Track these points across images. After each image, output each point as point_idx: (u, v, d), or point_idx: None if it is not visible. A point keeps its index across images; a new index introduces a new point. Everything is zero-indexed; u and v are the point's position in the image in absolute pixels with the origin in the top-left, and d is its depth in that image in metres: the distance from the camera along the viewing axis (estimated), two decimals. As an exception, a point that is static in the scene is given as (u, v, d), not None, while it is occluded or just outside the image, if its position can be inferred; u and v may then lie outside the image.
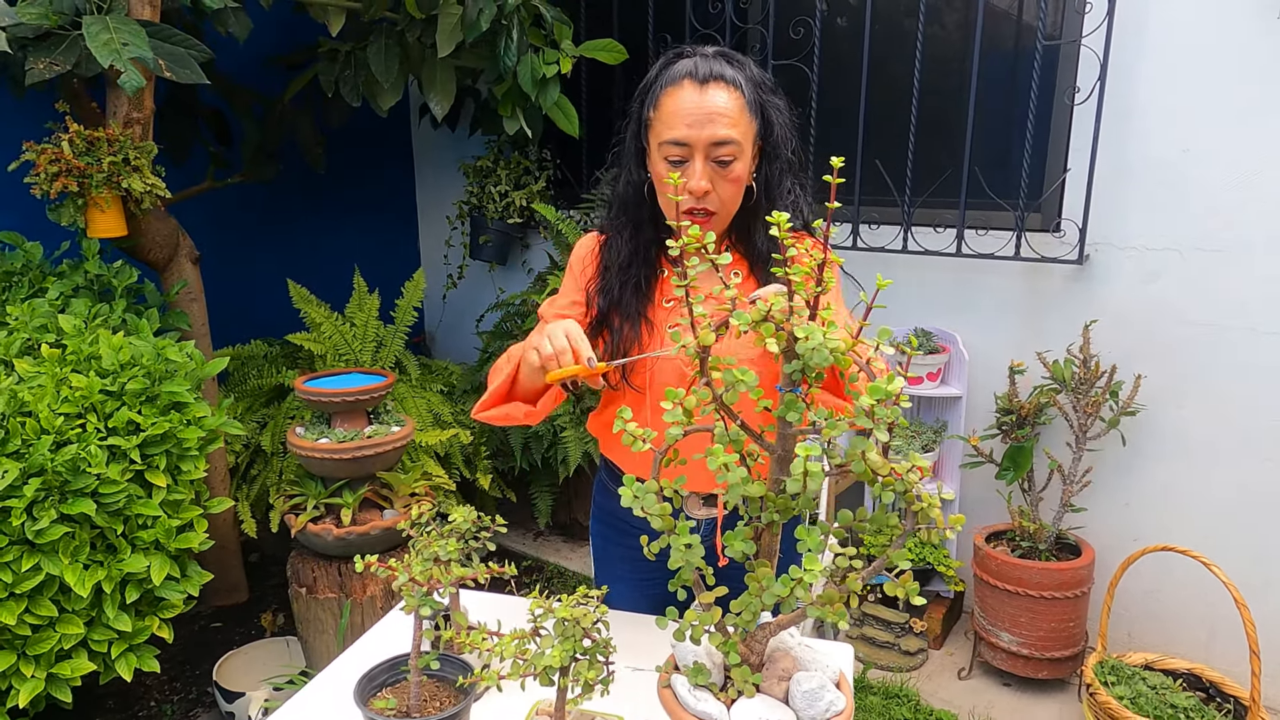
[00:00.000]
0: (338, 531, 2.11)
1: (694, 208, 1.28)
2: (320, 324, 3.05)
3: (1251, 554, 2.32)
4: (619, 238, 1.38)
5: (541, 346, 1.14)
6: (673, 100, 1.24)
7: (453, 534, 1.23)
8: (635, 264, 1.36)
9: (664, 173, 1.27)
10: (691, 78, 1.24)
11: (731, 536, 0.94)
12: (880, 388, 0.81)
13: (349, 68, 2.65)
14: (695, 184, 1.25)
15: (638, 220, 1.37)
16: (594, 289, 1.39)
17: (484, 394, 1.31)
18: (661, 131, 1.26)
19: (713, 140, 1.23)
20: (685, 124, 1.23)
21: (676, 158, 1.25)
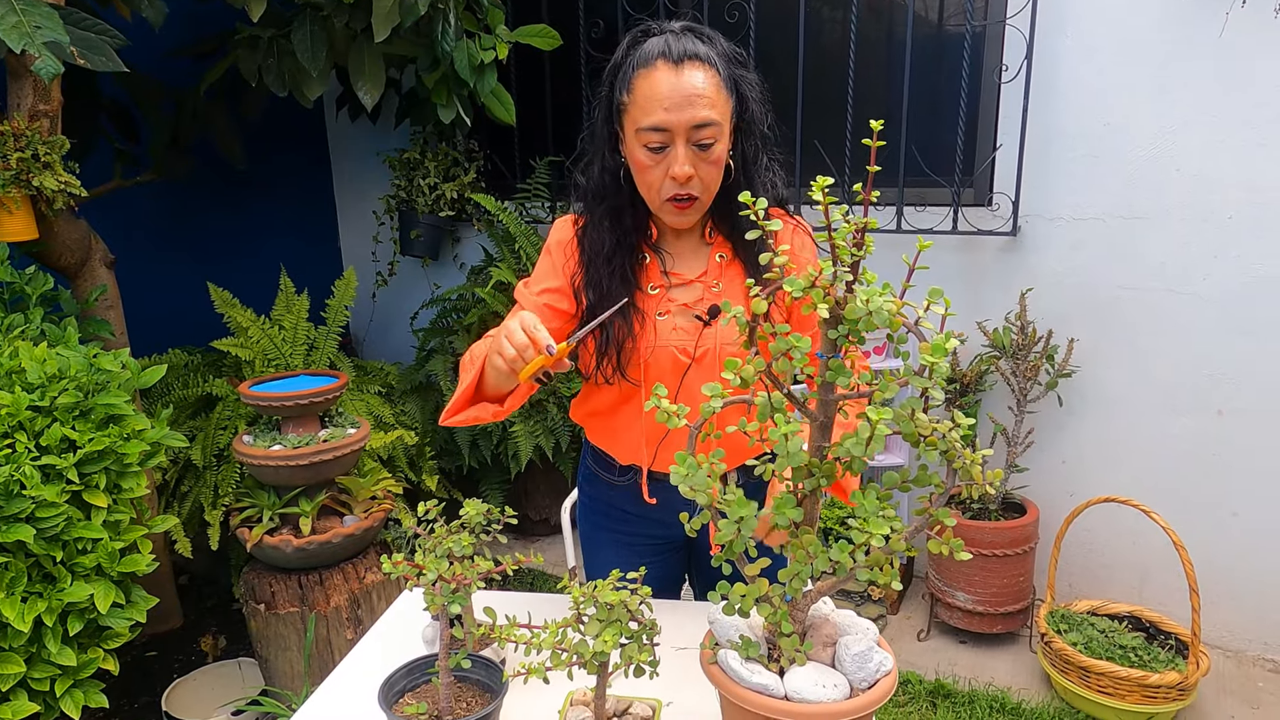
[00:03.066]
0: (298, 542, 2.01)
1: (678, 194, 1.24)
2: (247, 328, 2.88)
3: (1178, 501, 2.49)
4: (599, 228, 1.33)
5: (503, 350, 1.10)
6: (647, 83, 1.20)
7: (463, 529, 1.19)
8: (620, 253, 1.32)
9: (644, 159, 1.23)
10: (665, 58, 1.19)
11: (781, 505, 0.93)
12: (940, 345, 0.82)
13: (271, 56, 2.50)
14: (679, 170, 1.21)
15: (617, 207, 1.32)
16: (579, 282, 1.34)
17: (450, 399, 1.27)
18: (638, 117, 1.21)
19: (693, 123, 1.19)
20: (663, 108, 1.18)
21: (656, 144, 1.21)
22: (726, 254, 1.35)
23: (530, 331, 1.09)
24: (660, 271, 1.34)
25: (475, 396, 1.25)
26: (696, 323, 1.32)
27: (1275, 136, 2.22)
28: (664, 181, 1.23)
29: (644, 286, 1.34)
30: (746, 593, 0.96)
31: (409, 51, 2.57)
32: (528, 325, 1.10)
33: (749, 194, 0.88)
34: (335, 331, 3.06)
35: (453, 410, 1.25)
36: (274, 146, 3.49)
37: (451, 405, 1.24)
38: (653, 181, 1.24)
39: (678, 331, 1.32)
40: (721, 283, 1.33)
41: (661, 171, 1.22)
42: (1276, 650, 2.49)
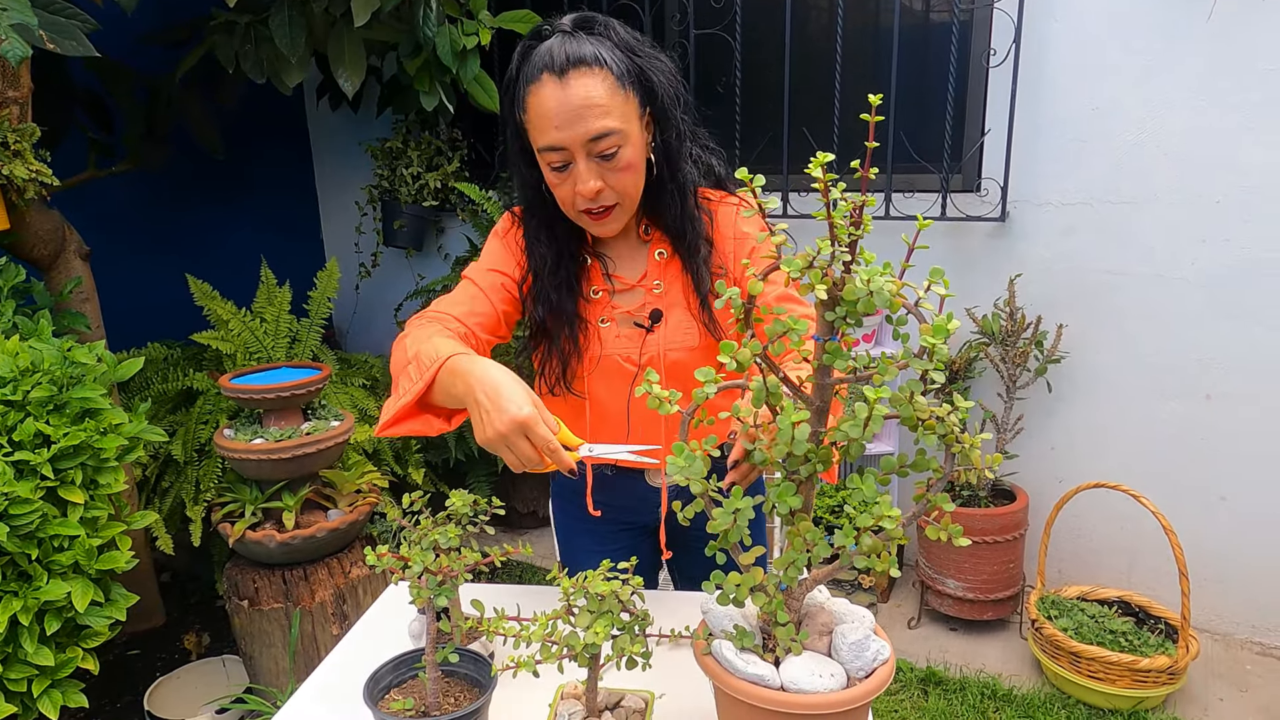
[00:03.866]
0: (281, 537, 1.97)
1: (590, 208, 1.18)
2: (227, 321, 2.83)
3: (1167, 486, 2.49)
4: (538, 242, 1.28)
5: (508, 459, 1.00)
6: (536, 101, 1.12)
7: (450, 520, 1.16)
8: (562, 264, 1.27)
9: (551, 178, 1.18)
10: (549, 70, 1.11)
11: (782, 493, 0.91)
12: (941, 326, 0.80)
13: (249, 42, 2.45)
14: (583, 187, 1.15)
15: (549, 218, 1.26)
16: (528, 295, 1.29)
17: (389, 402, 1.13)
18: (535, 137, 1.15)
19: (588, 137, 1.11)
20: (554, 127, 1.11)
21: (558, 163, 1.15)
22: (665, 250, 1.29)
23: (549, 456, 1.00)
24: (603, 274, 1.30)
25: (419, 407, 1.13)
26: (639, 329, 1.28)
27: (1262, 120, 2.22)
28: (575, 197, 1.17)
29: (587, 293, 1.30)
30: (741, 582, 0.94)
31: (390, 37, 2.52)
32: (541, 444, 0.98)
33: (745, 171, 0.85)
34: (318, 324, 3.02)
35: (392, 422, 1.11)
36: (253, 136, 3.43)
37: (390, 416, 1.11)
38: (564, 198, 1.19)
39: (621, 339, 1.29)
40: (663, 282, 1.29)
41: (569, 188, 1.17)
42: (1264, 633, 2.50)
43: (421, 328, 1.18)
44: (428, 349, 1.10)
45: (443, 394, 1.08)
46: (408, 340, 1.15)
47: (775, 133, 2.78)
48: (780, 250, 0.86)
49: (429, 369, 1.07)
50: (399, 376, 1.13)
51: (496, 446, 0.99)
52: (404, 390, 1.11)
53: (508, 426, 0.97)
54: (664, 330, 1.28)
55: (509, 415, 0.96)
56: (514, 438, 0.97)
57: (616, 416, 1.33)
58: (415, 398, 1.08)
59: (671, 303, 1.29)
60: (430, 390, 1.08)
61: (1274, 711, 2.23)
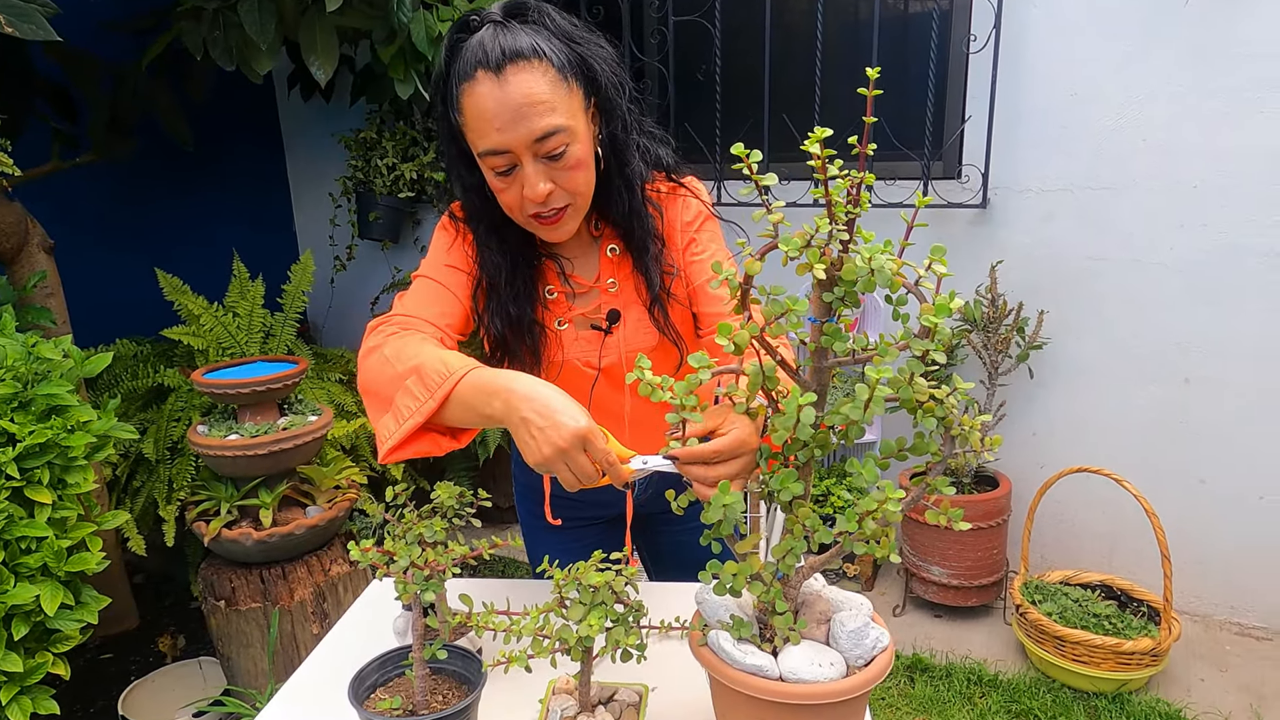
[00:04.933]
0: (258, 535, 1.92)
1: (540, 212, 1.10)
2: (199, 316, 2.77)
3: (1147, 469, 2.51)
4: (488, 250, 1.19)
5: (564, 476, 0.94)
6: (472, 102, 1.02)
7: (435, 513, 1.13)
8: (519, 271, 1.20)
9: (495, 183, 1.09)
10: (484, 67, 1.01)
11: (783, 479, 0.89)
12: (944, 305, 0.78)
13: (217, 28, 2.38)
14: (532, 191, 1.06)
15: (497, 224, 1.18)
16: (484, 309, 1.21)
17: (386, 423, 1.04)
18: (474, 140, 1.06)
19: (533, 137, 1.03)
20: (495, 129, 1.02)
21: (502, 167, 1.06)
22: (617, 246, 1.23)
23: (607, 470, 0.94)
24: (558, 275, 1.23)
25: (425, 427, 1.03)
26: (597, 332, 1.24)
27: (1238, 105, 2.23)
28: (522, 202, 1.09)
29: (543, 296, 1.23)
30: (739, 571, 0.92)
31: (362, 24, 2.46)
32: (600, 458, 0.93)
33: (741, 146, 0.83)
34: (292, 318, 2.96)
35: (401, 444, 1.02)
36: (224, 127, 3.36)
37: (399, 438, 1.01)
38: (510, 203, 1.10)
39: (579, 342, 1.24)
40: (617, 280, 1.24)
41: (516, 192, 1.08)
42: (1243, 614, 2.53)
43: (400, 336, 1.09)
44: (430, 362, 1.00)
45: (462, 412, 0.99)
46: (387, 351, 1.06)
47: (756, 120, 2.76)
48: (777, 229, 0.84)
49: (441, 385, 0.98)
50: (391, 392, 1.03)
51: (554, 464, 0.92)
52: (409, 409, 1.00)
53: (569, 441, 0.90)
54: (623, 331, 1.24)
55: (569, 429, 0.90)
56: (574, 453, 0.91)
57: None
58: (426, 417, 0.99)
59: (628, 301, 1.24)
60: (442, 408, 0.99)
61: (1253, 690, 2.26)
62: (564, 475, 0.93)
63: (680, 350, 1.27)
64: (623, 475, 0.94)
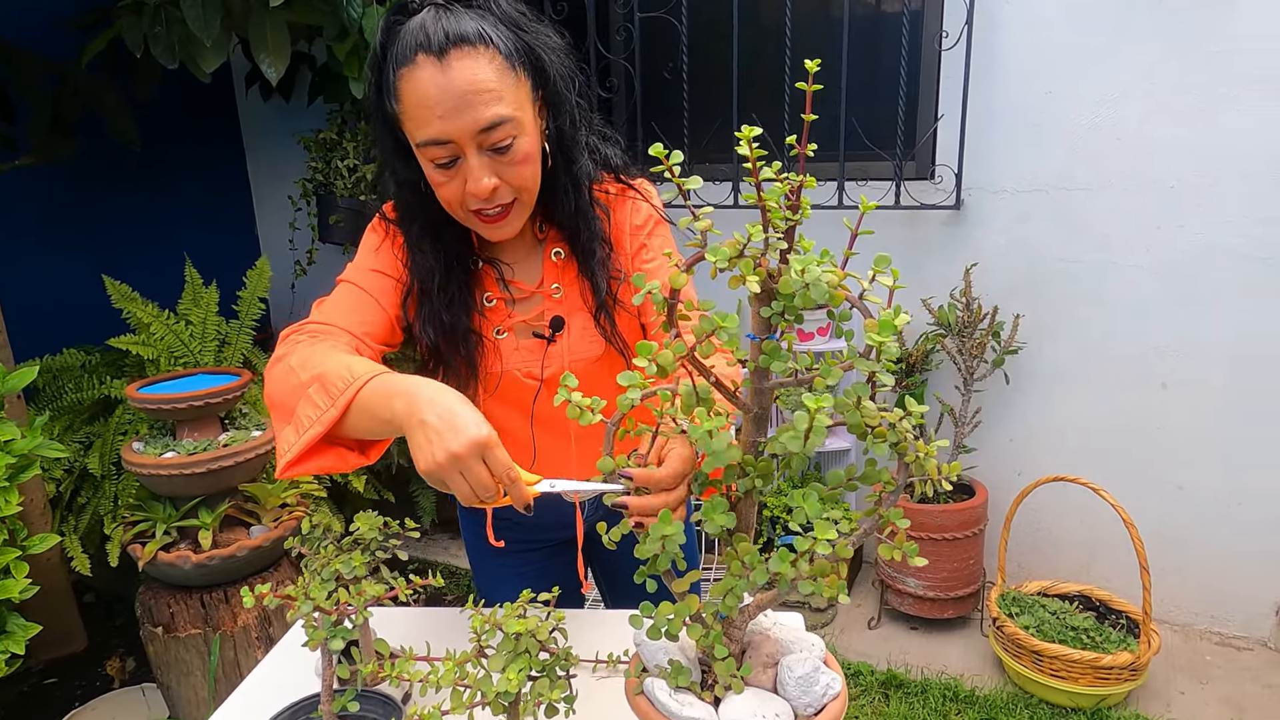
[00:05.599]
0: (197, 557, 1.82)
1: (483, 209, 1.03)
2: (149, 324, 2.66)
3: (1124, 476, 2.45)
4: (420, 252, 1.10)
5: (459, 488, 0.85)
6: (412, 88, 0.96)
7: (356, 546, 1.04)
8: (453, 275, 1.12)
9: (435, 176, 1.01)
10: (425, 50, 0.94)
11: (710, 509, 0.81)
12: (888, 322, 0.70)
13: (159, 24, 2.28)
14: (476, 186, 0.99)
15: (432, 223, 1.10)
16: (415, 316, 1.13)
17: (286, 435, 0.94)
18: (413, 130, 0.99)
19: (478, 127, 0.96)
20: (437, 117, 0.95)
21: (444, 158, 0.99)
22: (562, 250, 1.16)
23: (508, 486, 0.86)
24: (496, 280, 1.15)
25: (326, 441, 0.94)
26: (539, 340, 1.16)
27: (1214, 103, 2.18)
28: (464, 197, 1.02)
29: (480, 303, 1.15)
30: (675, 612, 0.84)
31: (312, 19, 2.36)
32: (501, 470, 0.84)
33: (659, 147, 0.75)
34: (249, 325, 2.86)
35: (298, 458, 0.92)
36: (179, 128, 3.25)
37: (297, 453, 0.92)
38: (450, 198, 1.03)
39: (520, 352, 1.16)
40: (561, 286, 1.16)
41: (458, 186, 1.01)
42: (1222, 623, 2.48)
43: (308, 344, 1.00)
44: (334, 368, 0.92)
45: (365, 419, 0.90)
46: (293, 360, 0.97)
47: (725, 118, 2.68)
48: (705, 237, 0.76)
49: (344, 391, 0.90)
50: (294, 403, 0.94)
51: (448, 472, 0.83)
52: (309, 419, 0.91)
53: (465, 448, 0.82)
54: (567, 339, 1.16)
55: (467, 435, 0.82)
56: (471, 461, 0.82)
57: (520, 439, 1.21)
58: (328, 427, 0.90)
59: (573, 308, 1.17)
60: (345, 417, 0.91)
61: (1235, 703, 2.20)
62: (459, 486, 0.84)
63: (627, 360, 1.19)
64: (524, 495, 0.86)
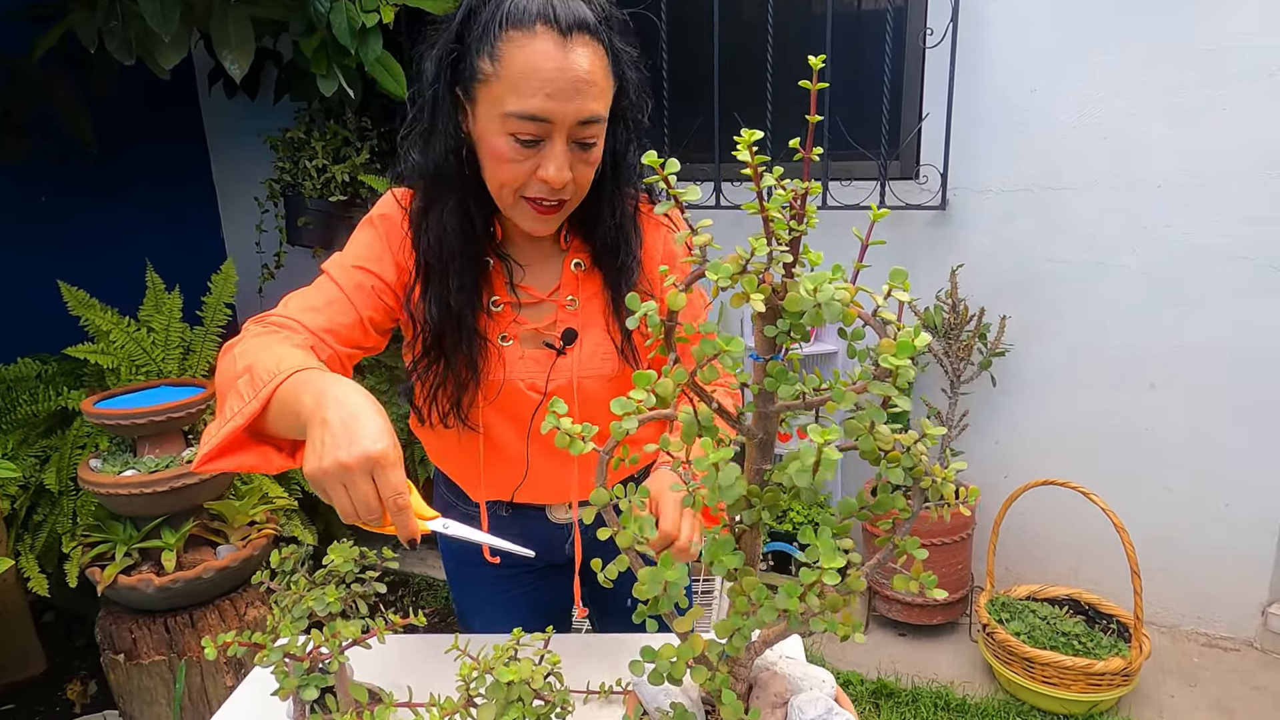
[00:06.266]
0: (160, 580, 1.73)
1: (544, 198, 0.98)
2: (108, 332, 2.55)
3: (1111, 477, 2.43)
4: (443, 231, 1.02)
5: (339, 502, 0.77)
6: (525, 54, 0.91)
7: (331, 578, 0.97)
8: (465, 260, 1.04)
9: (505, 150, 0.95)
10: (549, 23, 0.91)
11: (717, 550, 0.75)
12: (907, 343, 0.64)
13: (115, 18, 2.17)
14: (555, 173, 0.95)
15: (462, 201, 1.02)
16: (416, 295, 1.05)
17: (211, 427, 0.87)
18: (506, 96, 0.92)
19: (580, 118, 0.93)
20: (546, 94, 0.91)
21: (529, 136, 0.93)
22: (585, 261, 1.11)
23: (393, 512, 0.78)
24: (506, 284, 1.08)
25: (248, 437, 0.86)
26: (548, 351, 1.09)
27: (1201, 102, 2.16)
28: (529, 180, 0.97)
29: (486, 304, 1.08)
30: (678, 655, 0.78)
31: (278, 14, 2.27)
32: (389, 493, 0.77)
33: (654, 155, 0.69)
34: (214, 332, 2.75)
35: (215, 452, 0.85)
36: (139, 126, 3.13)
37: (213, 446, 0.84)
38: (512, 177, 0.97)
39: (525, 361, 1.09)
40: (578, 298, 1.11)
41: (528, 169, 0.96)
42: (1209, 624, 2.47)
43: (260, 336, 0.93)
44: (266, 360, 0.85)
45: (282, 415, 0.83)
46: (237, 349, 0.91)
47: (705, 119, 2.62)
48: (705, 253, 0.70)
49: (267, 384, 0.83)
50: (226, 394, 0.87)
51: (329, 482, 0.76)
52: (232, 410, 0.84)
53: (355, 459, 0.75)
54: (578, 353, 1.10)
55: (360, 446, 0.75)
56: (358, 475, 0.75)
57: (514, 454, 1.14)
58: (248, 420, 0.83)
59: (587, 322, 1.11)
60: (266, 412, 0.83)
61: (1224, 705, 2.19)
62: (340, 499, 0.77)
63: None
64: (412, 527, 0.79)
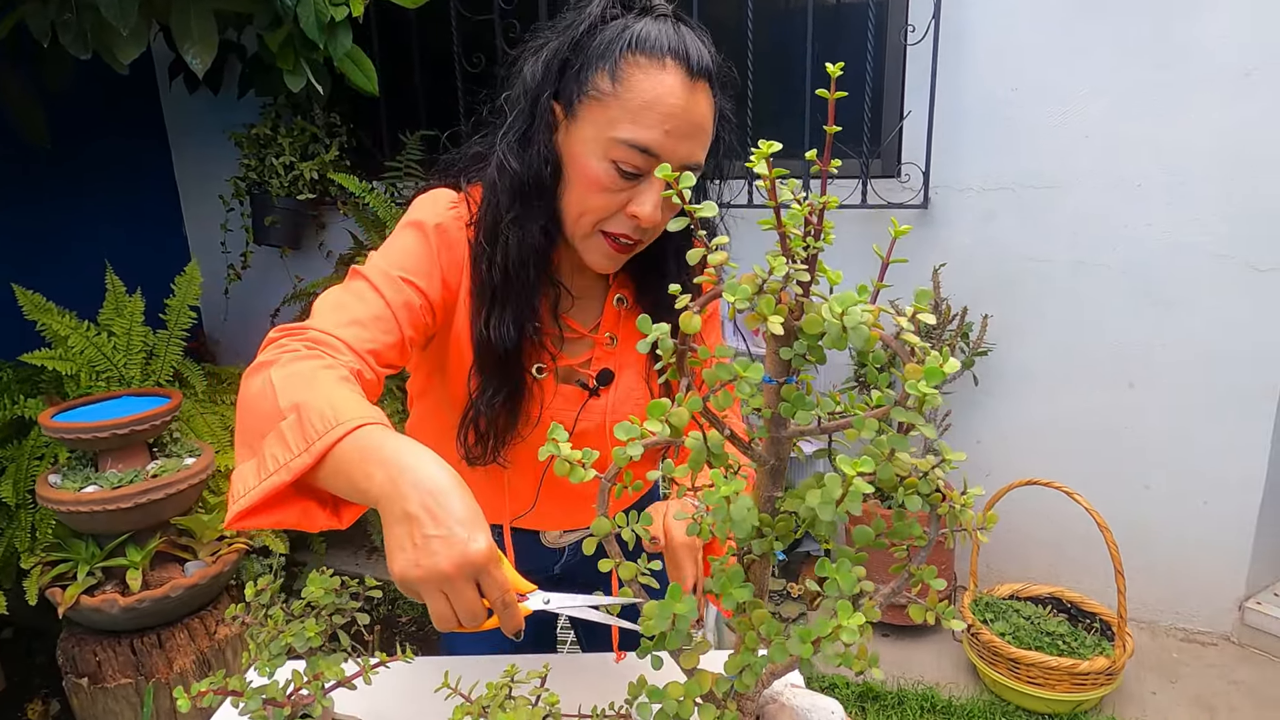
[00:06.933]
0: (125, 600, 1.66)
1: (626, 235, 0.92)
2: (66, 337, 2.45)
3: (1092, 476, 2.43)
4: (517, 240, 0.93)
5: (438, 608, 0.66)
6: (652, 83, 0.86)
7: (309, 612, 0.91)
8: (527, 282, 0.95)
9: (602, 176, 0.89)
10: (679, 60, 0.87)
11: (727, 583, 0.71)
12: (935, 369, 0.61)
13: (69, 10, 2.07)
14: (648, 211, 0.89)
15: (539, 217, 0.94)
16: (471, 314, 0.96)
17: (244, 474, 0.73)
18: (620, 121, 0.87)
19: (687, 161, 0.89)
20: (665, 129, 0.86)
21: (633, 168, 0.88)
22: (628, 297, 1.05)
23: (500, 610, 0.68)
24: (550, 311, 1.00)
25: (294, 492, 0.73)
26: (580, 390, 1.03)
27: (1181, 99, 2.16)
28: (616, 215, 0.91)
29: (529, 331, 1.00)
30: (685, 692, 0.74)
31: (242, 6, 2.19)
32: (497, 595, 0.67)
33: (668, 169, 0.65)
34: (178, 335, 2.66)
35: (254, 508, 0.71)
36: (95, 122, 3.01)
37: (256, 499, 0.70)
38: (600, 207, 0.91)
39: (558, 398, 1.03)
40: (618, 336, 1.05)
41: (619, 201, 0.90)
42: (1187, 619, 2.49)
43: (299, 357, 0.78)
44: (316, 401, 0.72)
45: (339, 478, 0.70)
46: (275, 374, 0.76)
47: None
48: (721, 272, 0.66)
49: (322, 435, 0.69)
50: (263, 430, 0.73)
51: (427, 590, 0.65)
52: (275, 461, 0.70)
53: (459, 565, 0.64)
54: (612, 395, 1.04)
55: (459, 549, 0.63)
56: (462, 583, 0.64)
57: (522, 488, 1.08)
58: (295, 476, 0.69)
59: (624, 363, 1.05)
60: (317, 467, 0.70)
61: (1205, 701, 2.20)
62: (439, 607, 0.66)
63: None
64: (518, 619, 0.70)
